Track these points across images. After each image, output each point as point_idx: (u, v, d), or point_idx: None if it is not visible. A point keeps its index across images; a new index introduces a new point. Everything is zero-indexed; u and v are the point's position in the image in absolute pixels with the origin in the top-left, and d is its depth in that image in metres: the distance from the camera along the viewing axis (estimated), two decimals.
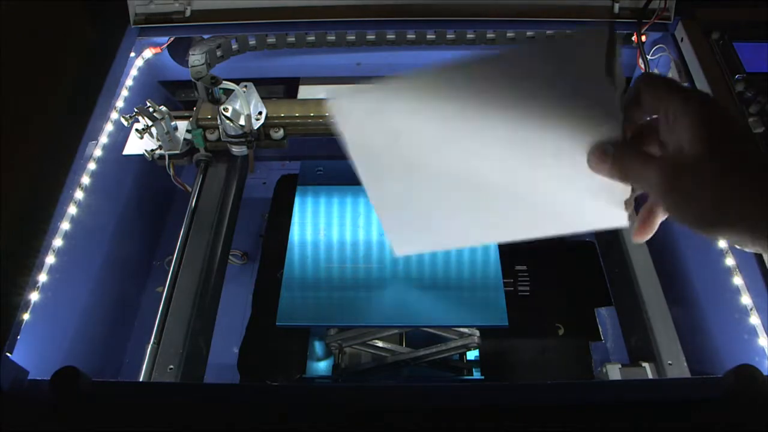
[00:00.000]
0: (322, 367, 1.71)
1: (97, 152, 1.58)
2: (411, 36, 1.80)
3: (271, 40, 1.81)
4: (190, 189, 1.76)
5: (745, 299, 1.33)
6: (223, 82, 1.58)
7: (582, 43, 0.62)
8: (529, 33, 1.78)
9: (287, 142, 1.79)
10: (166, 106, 1.66)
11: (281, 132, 1.76)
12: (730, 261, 1.39)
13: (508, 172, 0.70)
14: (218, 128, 1.73)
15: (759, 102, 1.43)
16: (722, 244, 1.43)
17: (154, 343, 1.42)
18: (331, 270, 1.63)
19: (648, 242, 1.64)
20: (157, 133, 1.68)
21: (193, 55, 1.66)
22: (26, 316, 1.24)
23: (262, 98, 1.70)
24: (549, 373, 1.69)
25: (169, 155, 1.71)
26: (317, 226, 1.74)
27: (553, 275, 1.87)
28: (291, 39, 1.81)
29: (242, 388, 1.31)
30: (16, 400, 1.06)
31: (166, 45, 1.86)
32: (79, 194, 1.48)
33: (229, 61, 1.82)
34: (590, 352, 1.74)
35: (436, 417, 1.03)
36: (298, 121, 1.81)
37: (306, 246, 1.70)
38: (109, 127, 1.65)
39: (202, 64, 1.64)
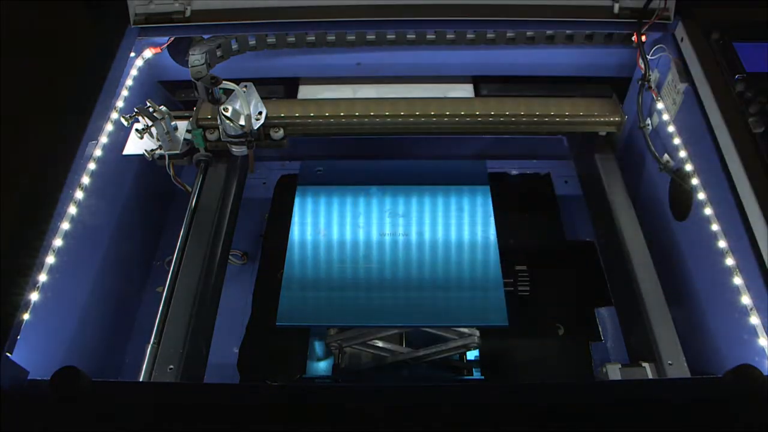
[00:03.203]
0: (322, 367, 1.71)
1: (97, 152, 1.58)
2: (411, 36, 1.80)
3: (271, 40, 1.82)
4: (190, 189, 1.76)
5: (745, 299, 1.33)
6: (223, 82, 1.58)
7: None
8: (529, 33, 1.79)
9: (287, 142, 1.79)
10: (166, 106, 1.66)
11: (281, 132, 1.76)
12: (730, 261, 1.39)
13: None
14: (218, 128, 1.73)
15: (759, 102, 1.43)
16: (722, 243, 1.43)
17: (154, 343, 1.42)
18: (331, 270, 1.63)
19: (648, 242, 1.64)
20: (157, 133, 1.68)
21: (193, 55, 1.66)
22: (26, 316, 1.24)
23: (262, 98, 1.70)
24: (549, 373, 1.69)
25: (169, 155, 1.71)
26: (317, 226, 1.74)
27: (553, 275, 1.88)
28: (291, 39, 1.82)
29: (242, 388, 1.31)
30: (16, 399, 1.06)
31: (166, 45, 1.86)
32: (79, 194, 1.48)
33: (229, 61, 1.82)
34: (590, 352, 1.74)
35: (436, 417, 1.03)
36: (298, 121, 1.81)
37: (306, 246, 1.70)
38: (109, 127, 1.65)
39: (202, 64, 1.64)
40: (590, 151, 1.90)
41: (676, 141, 1.66)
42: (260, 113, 1.69)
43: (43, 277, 1.32)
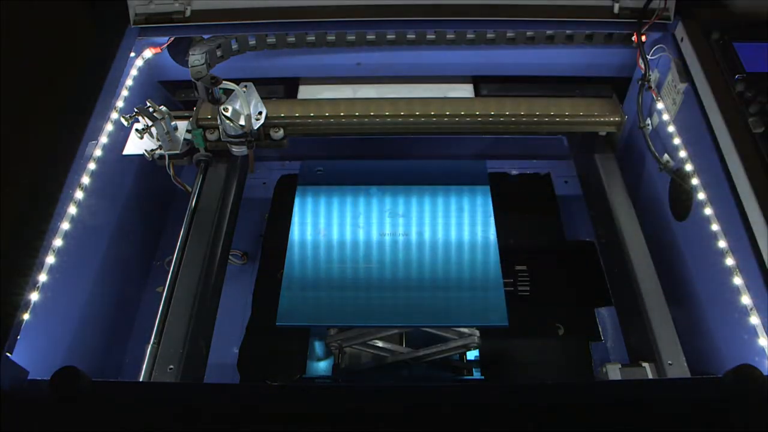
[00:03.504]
0: (322, 367, 1.71)
1: (97, 152, 1.58)
2: (411, 36, 1.80)
3: (271, 40, 1.82)
4: (190, 189, 1.76)
5: (745, 299, 1.33)
6: (223, 82, 1.58)
7: None
8: (529, 33, 1.79)
9: (287, 142, 1.79)
10: (166, 106, 1.66)
11: (281, 132, 1.76)
12: (730, 261, 1.39)
13: None
14: (218, 128, 1.73)
15: (759, 102, 1.43)
16: (722, 243, 1.43)
17: (154, 343, 1.42)
18: (331, 270, 1.63)
19: (648, 242, 1.64)
20: (157, 133, 1.68)
21: (193, 55, 1.66)
22: (26, 316, 1.24)
23: (262, 98, 1.70)
24: (549, 373, 1.69)
25: (169, 155, 1.71)
26: (317, 226, 1.74)
27: (553, 275, 1.88)
28: (291, 39, 1.82)
29: (242, 388, 1.31)
30: (16, 399, 1.06)
31: (166, 45, 1.86)
32: (79, 194, 1.48)
33: (229, 61, 1.82)
34: (590, 352, 1.74)
35: (436, 417, 1.03)
36: (298, 121, 1.81)
37: (306, 246, 1.70)
38: (109, 127, 1.65)
39: (202, 64, 1.64)
40: (590, 151, 1.90)
41: (676, 141, 1.66)
42: (260, 113, 1.69)
43: (43, 277, 1.32)
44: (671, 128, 1.69)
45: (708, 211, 1.49)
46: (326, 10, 1.73)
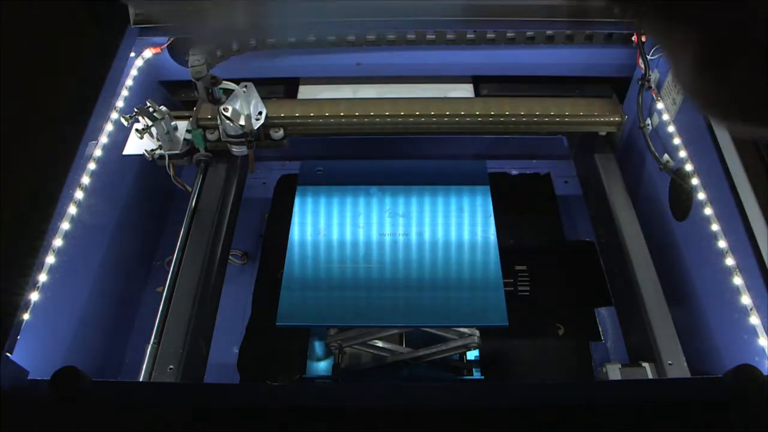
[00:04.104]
0: (322, 367, 1.71)
1: (97, 152, 1.58)
2: (411, 36, 1.80)
3: (271, 40, 1.81)
4: (190, 189, 1.76)
5: (745, 299, 1.33)
6: (223, 82, 1.58)
7: None
8: (529, 33, 1.78)
9: (287, 142, 1.79)
10: (166, 106, 1.66)
11: (281, 132, 1.76)
12: (730, 261, 1.39)
13: None
14: (218, 128, 1.73)
15: None
16: (722, 243, 1.43)
17: (154, 343, 1.42)
18: (331, 270, 1.63)
19: (648, 242, 1.64)
20: (157, 133, 1.68)
21: (193, 55, 1.66)
22: (26, 316, 1.24)
23: (262, 98, 1.70)
24: (549, 373, 1.69)
25: (169, 155, 1.71)
26: (317, 226, 1.74)
27: (553, 275, 1.88)
28: (291, 39, 1.81)
29: (242, 388, 1.31)
30: (16, 399, 1.06)
31: (166, 45, 1.86)
32: (79, 194, 1.48)
33: (229, 61, 1.82)
34: (590, 352, 1.75)
35: (436, 417, 1.03)
36: (298, 121, 1.81)
37: (306, 246, 1.70)
38: (109, 127, 1.65)
39: (202, 64, 1.64)
40: (590, 151, 1.90)
41: (676, 141, 1.66)
42: (260, 113, 1.69)
43: (43, 277, 1.32)
44: (671, 128, 1.69)
45: (708, 211, 1.49)
46: (326, 10, 1.73)
